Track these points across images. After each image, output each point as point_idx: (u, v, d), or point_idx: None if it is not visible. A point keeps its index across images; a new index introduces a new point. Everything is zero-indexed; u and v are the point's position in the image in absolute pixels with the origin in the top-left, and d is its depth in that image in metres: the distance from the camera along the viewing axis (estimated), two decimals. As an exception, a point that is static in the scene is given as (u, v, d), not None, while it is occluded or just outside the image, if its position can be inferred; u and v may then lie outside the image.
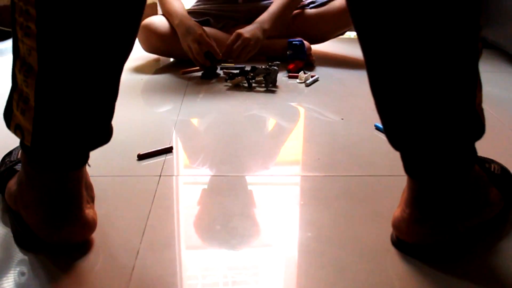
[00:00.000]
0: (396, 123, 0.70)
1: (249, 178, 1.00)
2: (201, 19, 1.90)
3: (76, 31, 0.65)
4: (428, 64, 0.65)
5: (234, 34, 1.73)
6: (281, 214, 0.87)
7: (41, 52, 0.66)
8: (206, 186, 0.97)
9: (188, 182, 0.99)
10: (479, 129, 0.70)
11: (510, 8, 1.77)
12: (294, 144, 1.18)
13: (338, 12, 1.83)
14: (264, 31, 1.76)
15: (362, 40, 0.69)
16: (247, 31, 1.73)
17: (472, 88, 0.67)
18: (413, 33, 0.64)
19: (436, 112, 0.67)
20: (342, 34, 1.94)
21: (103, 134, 0.74)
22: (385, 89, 0.69)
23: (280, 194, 0.94)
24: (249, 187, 0.96)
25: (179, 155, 1.10)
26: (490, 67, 1.81)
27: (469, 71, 0.67)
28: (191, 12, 1.93)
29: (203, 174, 1.02)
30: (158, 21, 1.81)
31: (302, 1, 1.90)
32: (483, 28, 0.66)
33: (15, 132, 0.72)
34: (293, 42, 1.74)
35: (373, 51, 0.69)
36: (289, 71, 1.69)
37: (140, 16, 0.72)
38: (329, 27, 1.85)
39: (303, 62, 1.73)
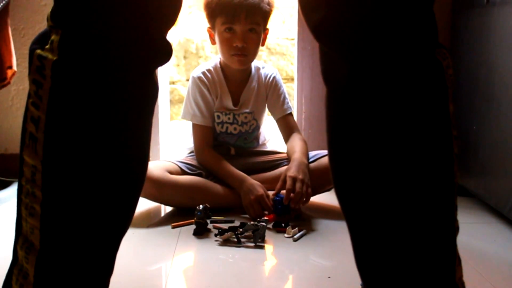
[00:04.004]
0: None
1: None
2: (194, 172, 1.96)
3: (75, 217, 0.71)
4: (408, 243, 0.70)
5: (288, 179, 1.76)
6: None
7: (44, 232, 0.71)
8: None
9: None
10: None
11: (488, 160, 1.86)
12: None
13: (325, 169, 1.85)
14: (306, 165, 1.83)
15: (348, 217, 0.76)
16: (295, 171, 1.78)
17: (451, 264, 0.72)
18: (391, 215, 0.70)
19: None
20: (329, 190, 1.98)
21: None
22: (369, 267, 0.74)
23: None
24: None
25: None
26: (470, 218, 1.87)
27: (447, 250, 0.72)
28: (184, 162, 2.00)
29: None
30: (152, 166, 1.87)
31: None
32: (462, 178, 0.73)
33: (12, 305, 0.75)
34: (275, 198, 1.78)
35: (357, 227, 0.74)
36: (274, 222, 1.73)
37: (139, 191, 0.79)
38: (316, 182, 1.88)
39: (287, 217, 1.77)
